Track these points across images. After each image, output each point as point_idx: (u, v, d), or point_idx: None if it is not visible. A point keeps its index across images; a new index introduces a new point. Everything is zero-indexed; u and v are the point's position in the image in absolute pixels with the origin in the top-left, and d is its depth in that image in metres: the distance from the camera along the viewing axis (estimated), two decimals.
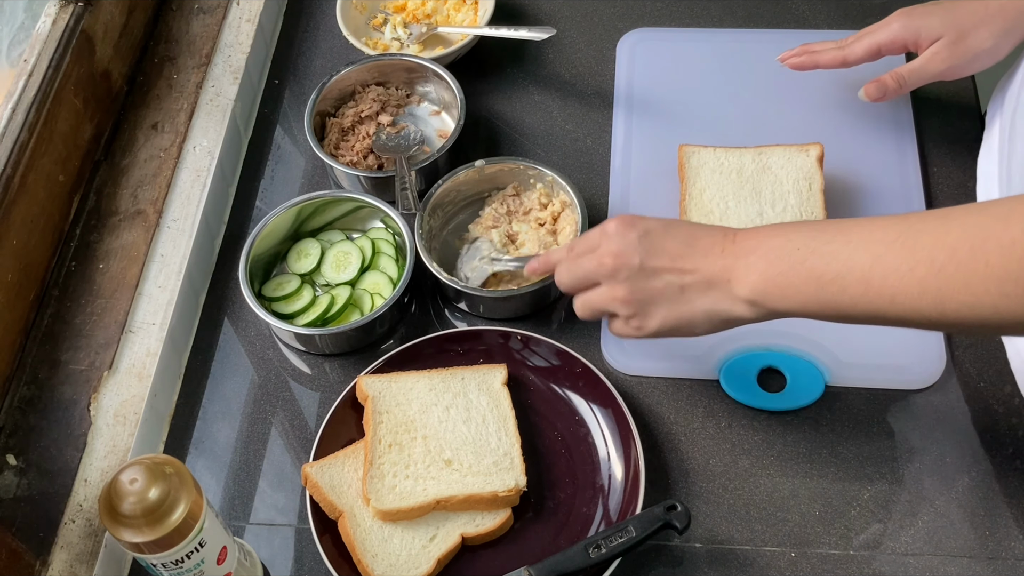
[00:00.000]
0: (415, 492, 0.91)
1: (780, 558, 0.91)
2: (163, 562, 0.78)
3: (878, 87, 1.05)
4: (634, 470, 0.93)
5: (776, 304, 0.81)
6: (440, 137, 1.20)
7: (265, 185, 1.20)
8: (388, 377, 0.99)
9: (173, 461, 0.78)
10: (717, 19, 1.28)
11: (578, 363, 1.00)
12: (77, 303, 1.04)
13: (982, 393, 0.98)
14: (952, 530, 0.91)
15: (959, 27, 1.00)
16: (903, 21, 1.03)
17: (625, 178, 1.15)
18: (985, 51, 0.99)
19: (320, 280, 1.09)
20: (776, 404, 0.98)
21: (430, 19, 1.29)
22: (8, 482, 0.93)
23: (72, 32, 1.09)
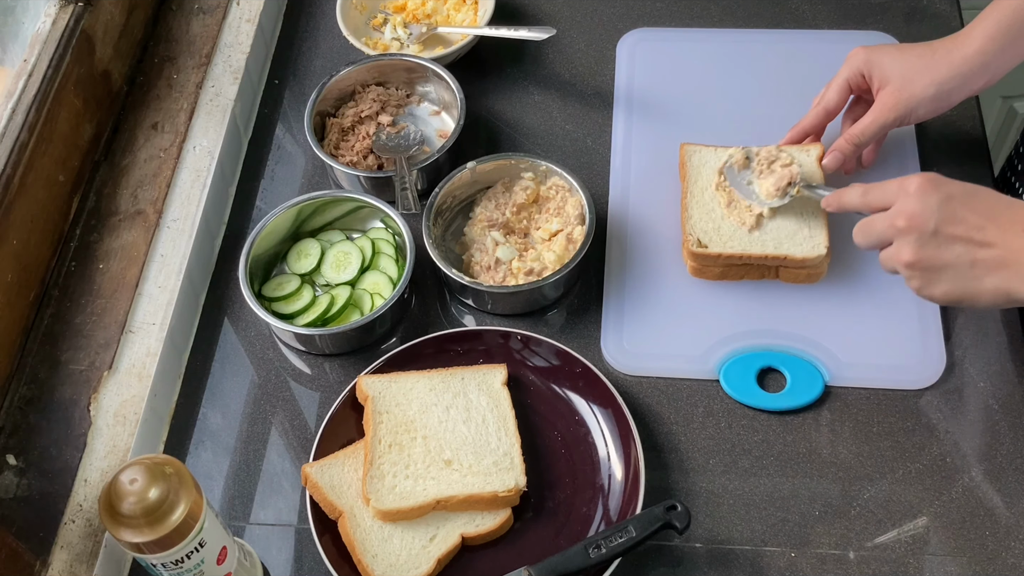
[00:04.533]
0: (415, 492, 0.91)
1: (780, 558, 0.91)
2: (163, 562, 0.78)
3: (835, 156, 1.05)
4: (634, 470, 0.93)
5: None
6: (440, 137, 1.20)
7: (265, 185, 1.20)
8: (388, 377, 0.99)
9: (173, 461, 0.78)
10: (717, 19, 1.28)
11: (578, 363, 1.00)
12: (77, 303, 1.04)
13: (982, 393, 0.98)
14: (952, 530, 0.91)
15: (905, 73, 1.00)
16: (862, 55, 1.03)
17: (625, 178, 1.15)
18: (928, 98, 0.99)
19: (320, 280, 1.09)
20: (776, 404, 0.98)
21: (430, 19, 1.29)
22: (8, 482, 0.93)
23: (72, 32, 1.09)
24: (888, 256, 0.88)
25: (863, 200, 0.90)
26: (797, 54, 1.23)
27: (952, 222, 0.83)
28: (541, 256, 1.06)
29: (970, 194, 0.84)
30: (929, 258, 0.84)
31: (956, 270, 0.83)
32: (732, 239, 1.04)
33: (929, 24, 1.25)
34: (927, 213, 0.83)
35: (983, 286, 0.83)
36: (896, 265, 0.87)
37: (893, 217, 0.86)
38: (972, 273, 0.83)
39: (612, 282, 1.07)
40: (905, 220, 0.85)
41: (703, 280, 1.06)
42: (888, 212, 0.87)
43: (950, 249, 0.83)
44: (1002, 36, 0.97)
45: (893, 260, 0.87)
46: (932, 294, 0.86)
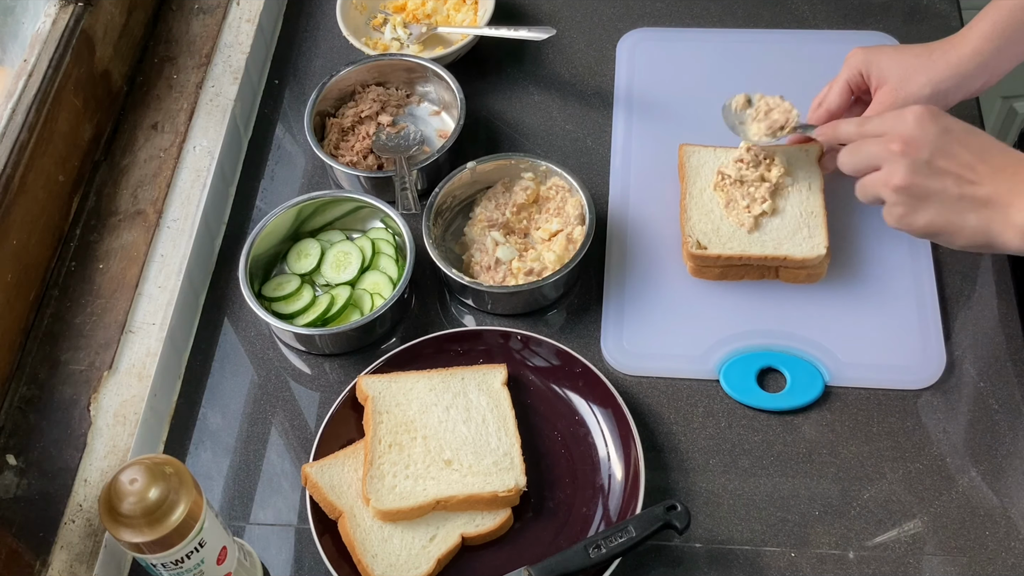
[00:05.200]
0: (415, 492, 0.91)
1: (780, 558, 0.91)
2: (163, 562, 0.78)
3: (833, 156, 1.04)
4: (634, 470, 0.93)
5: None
6: (440, 137, 1.20)
7: (265, 185, 1.20)
8: (388, 377, 0.99)
9: (173, 461, 0.78)
10: (717, 19, 1.28)
11: (578, 363, 1.00)
12: (77, 303, 1.04)
13: (982, 393, 0.98)
14: (952, 530, 0.91)
15: (902, 72, 1.00)
16: (861, 55, 1.03)
17: (625, 178, 1.15)
18: (925, 97, 0.99)
19: (320, 280, 1.09)
20: (776, 404, 0.98)
21: (430, 19, 1.29)
22: (8, 482, 0.93)
23: (72, 32, 1.09)
24: (874, 180, 0.88)
25: (859, 129, 0.91)
26: (797, 54, 1.23)
27: (946, 154, 0.84)
28: (541, 256, 1.06)
29: (967, 131, 0.85)
30: (918, 185, 0.84)
31: (942, 201, 0.84)
32: (731, 240, 1.04)
33: (929, 24, 1.25)
34: (923, 140, 0.84)
35: (965, 222, 0.83)
36: (882, 189, 0.87)
37: (888, 140, 0.86)
38: (957, 207, 0.83)
39: (612, 282, 1.07)
40: (900, 144, 0.85)
41: (703, 280, 1.06)
42: (884, 138, 0.87)
43: (940, 179, 0.84)
44: (999, 37, 0.97)
45: (879, 184, 0.87)
46: (913, 222, 0.86)
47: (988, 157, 0.83)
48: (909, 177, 0.84)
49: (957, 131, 0.85)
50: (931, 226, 0.85)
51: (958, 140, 0.84)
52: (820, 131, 0.98)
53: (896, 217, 0.87)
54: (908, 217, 0.86)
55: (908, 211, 0.86)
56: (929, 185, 0.84)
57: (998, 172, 0.83)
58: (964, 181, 0.83)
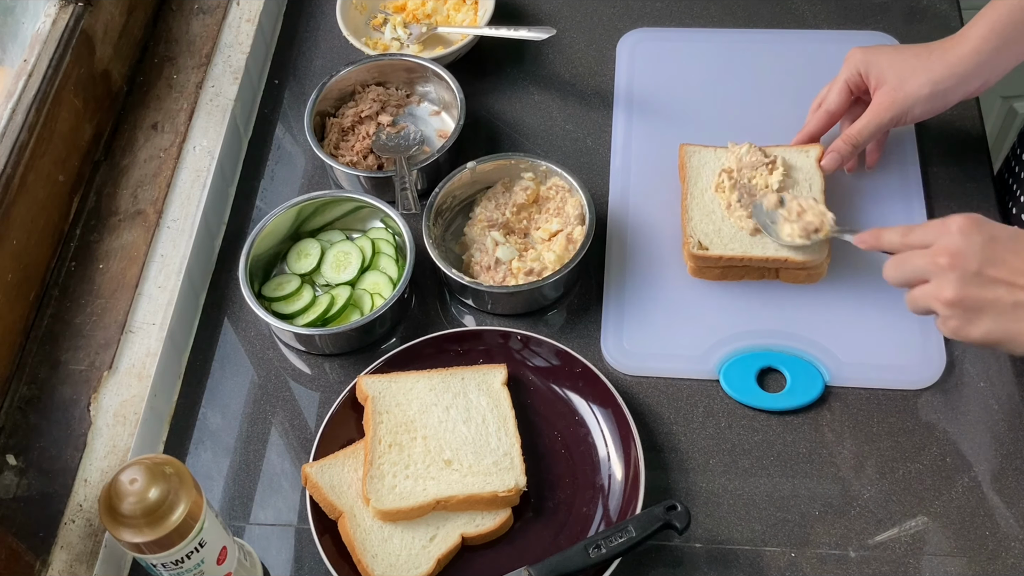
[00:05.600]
0: (415, 492, 0.91)
1: (780, 558, 0.91)
2: (163, 562, 0.78)
3: (833, 157, 1.05)
4: (634, 470, 0.93)
5: None
6: (440, 137, 1.20)
7: (265, 185, 1.20)
8: (388, 377, 0.99)
9: (173, 461, 0.78)
10: (717, 19, 1.28)
11: (578, 363, 1.00)
12: (77, 303, 1.04)
13: (982, 393, 0.98)
14: (952, 530, 0.91)
15: (901, 72, 1.00)
16: (859, 56, 1.03)
17: (625, 178, 1.15)
18: (924, 97, 0.99)
19: (320, 280, 1.09)
20: (776, 404, 0.98)
21: (430, 19, 1.29)
22: (8, 482, 0.93)
23: (72, 32, 1.09)
24: (924, 294, 0.86)
25: (904, 240, 0.89)
26: (797, 54, 1.23)
27: (995, 263, 0.82)
28: (541, 256, 1.06)
29: (1013, 237, 0.84)
30: (971, 298, 0.82)
31: (997, 311, 0.82)
32: (733, 241, 1.04)
33: (929, 24, 1.25)
34: (971, 252, 0.82)
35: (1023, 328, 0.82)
36: (934, 303, 0.85)
37: (934, 254, 0.84)
38: (1014, 315, 0.82)
39: (612, 282, 1.07)
40: (948, 258, 0.83)
41: (703, 280, 1.06)
42: (929, 249, 0.85)
43: (992, 290, 0.82)
44: (997, 37, 0.97)
45: (930, 298, 0.85)
46: (970, 334, 0.84)
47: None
48: (960, 291, 0.83)
49: (1003, 238, 0.83)
50: (989, 336, 0.83)
51: (1005, 247, 0.83)
52: (861, 239, 0.94)
53: (951, 330, 0.85)
54: (964, 330, 0.84)
55: (963, 324, 0.84)
56: (982, 296, 0.82)
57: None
58: (1017, 288, 0.81)
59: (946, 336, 0.87)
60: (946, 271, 0.83)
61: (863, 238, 0.94)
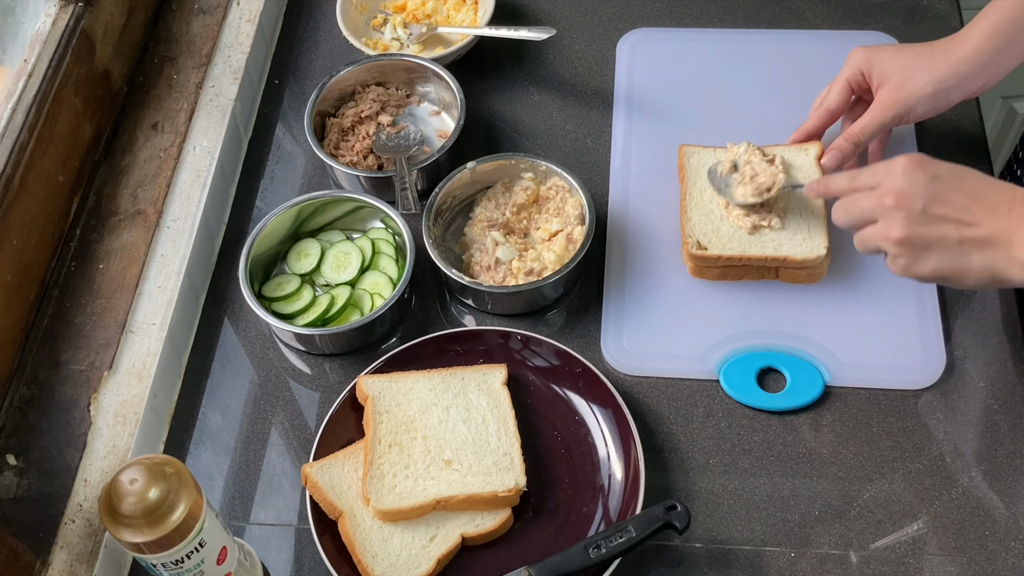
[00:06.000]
0: (415, 492, 0.91)
1: (780, 558, 0.91)
2: (163, 562, 0.78)
3: (833, 155, 1.05)
4: (634, 470, 0.93)
5: None
6: (440, 137, 1.20)
7: (265, 185, 1.20)
8: (388, 377, 0.99)
9: (173, 461, 0.78)
10: (717, 19, 1.28)
11: (578, 363, 1.00)
12: (77, 303, 1.04)
13: (982, 393, 0.98)
14: (953, 530, 0.91)
15: (903, 71, 1.00)
16: (862, 55, 1.03)
17: (625, 178, 1.15)
18: (927, 96, 0.99)
19: (320, 280, 1.09)
20: (776, 404, 0.98)
21: (430, 19, 1.29)
22: (8, 482, 0.93)
23: (72, 32, 1.09)
24: (872, 234, 0.88)
25: (851, 184, 0.91)
26: (797, 54, 1.23)
27: (940, 201, 0.84)
28: (541, 256, 1.06)
29: (957, 175, 0.86)
30: (918, 235, 0.84)
31: (944, 248, 0.84)
32: (732, 241, 1.04)
33: (929, 24, 1.25)
34: (915, 191, 0.84)
35: (970, 264, 0.84)
36: (882, 243, 0.87)
37: (881, 195, 0.86)
38: (960, 250, 0.84)
39: (612, 282, 1.07)
40: (893, 198, 0.85)
41: (703, 280, 1.06)
42: (876, 191, 0.87)
43: (938, 227, 0.84)
44: (999, 36, 0.97)
45: (879, 238, 0.87)
46: (919, 271, 0.86)
47: (982, 197, 0.84)
48: (907, 229, 0.85)
49: (947, 176, 0.85)
50: (936, 272, 0.85)
51: (950, 184, 0.85)
52: (810, 187, 0.97)
53: (900, 268, 0.87)
54: (913, 267, 0.86)
55: (911, 261, 0.86)
56: (928, 234, 0.84)
57: (994, 211, 0.83)
58: (962, 224, 0.83)
59: (896, 274, 0.88)
60: (892, 211, 0.85)
61: (812, 187, 0.97)
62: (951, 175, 0.85)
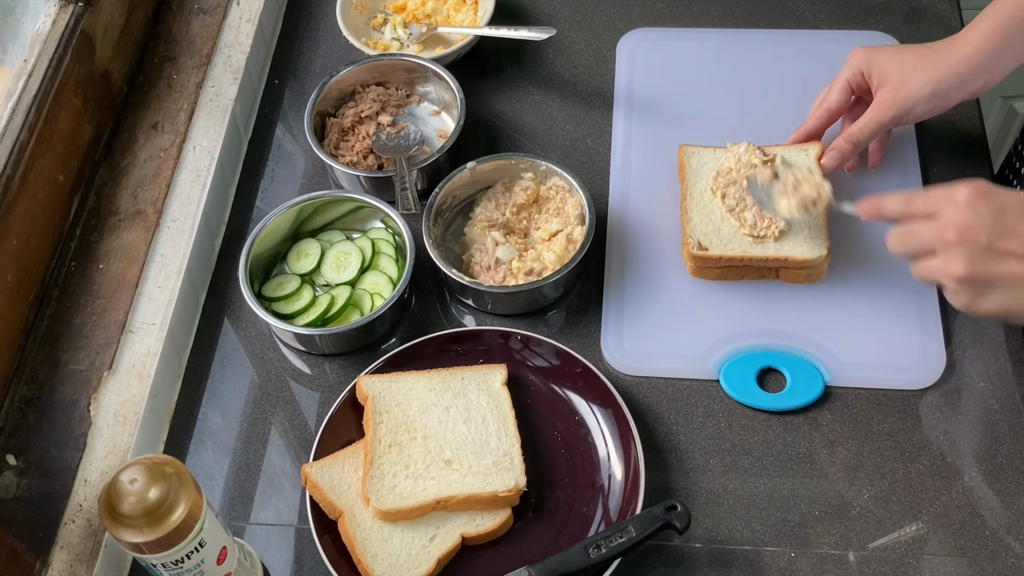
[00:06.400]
0: (415, 492, 0.91)
1: (780, 558, 0.91)
2: (163, 562, 0.78)
3: (833, 155, 1.04)
4: (634, 470, 0.93)
5: None
6: (440, 137, 1.20)
7: (265, 185, 1.20)
8: (388, 377, 0.99)
9: (173, 461, 0.78)
10: (717, 19, 1.28)
11: (578, 363, 1.00)
12: (77, 303, 1.04)
13: (982, 393, 0.98)
14: (952, 530, 0.91)
15: (903, 71, 1.00)
16: (862, 55, 1.03)
17: (625, 178, 1.15)
18: (926, 96, 0.99)
19: (320, 280, 1.09)
20: (776, 404, 0.98)
21: (430, 19, 1.29)
22: (8, 482, 0.93)
23: (72, 32, 1.09)
24: (932, 268, 0.84)
25: (906, 208, 0.87)
26: (797, 54, 1.23)
27: (1005, 236, 0.80)
28: (541, 256, 1.06)
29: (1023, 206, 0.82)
30: (982, 272, 0.81)
31: (1008, 284, 0.81)
32: (732, 241, 1.04)
33: (929, 24, 1.25)
34: (979, 225, 0.80)
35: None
36: (943, 278, 0.84)
37: (941, 229, 0.82)
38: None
39: (612, 282, 1.07)
40: (955, 233, 0.81)
41: (703, 280, 1.06)
42: (935, 223, 0.83)
43: (1003, 263, 0.80)
44: (999, 37, 0.97)
45: (939, 273, 0.84)
46: (981, 308, 0.83)
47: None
48: (970, 266, 0.81)
49: (1012, 207, 0.81)
50: (1000, 309, 0.82)
51: (1015, 217, 0.81)
52: (863, 208, 0.92)
53: (962, 304, 0.84)
54: (975, 304, 0.83)
55: (974, 298, 0.83)
56: (992, 271, 0.81)
57: None
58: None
59: (957, 308, 0.85)
60: (954, 246, 0.81)
61: (864, 207, 0.92)
62: (1017, 206, 0.81)
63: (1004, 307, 0.82)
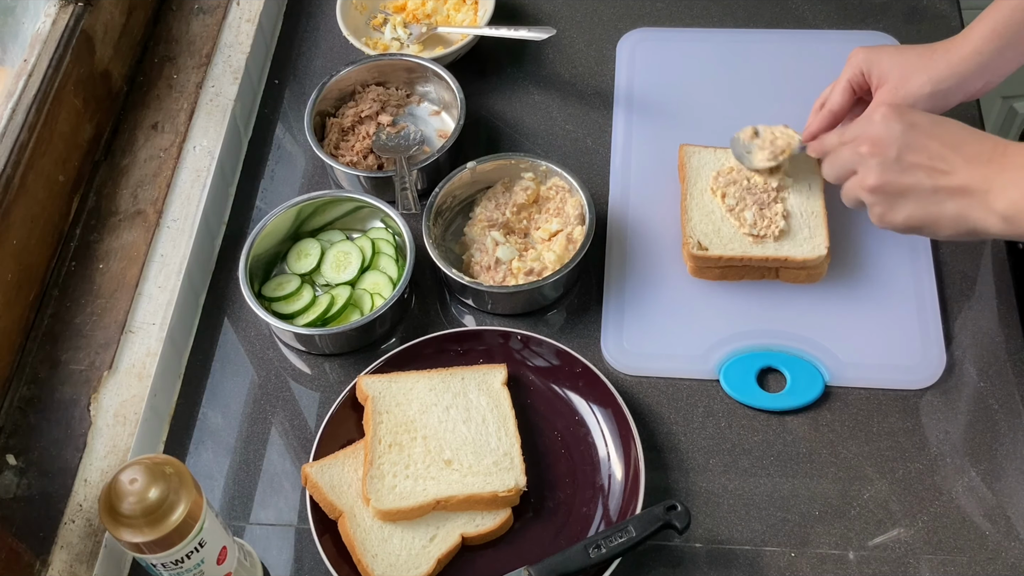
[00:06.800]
0: (415, 492, 0.91)
1: (780, 558, 0.91)
2: (163, 562, 0.78)
3: None
4: (634, 470, 0.93)
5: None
6: (440, 137, 1.20)
7: (265, 185, 1.20)
8: (388, 377, 0.99)
9: (173, 461, 0.78)
10: (717, 19, 1.28)
11: (578, 363, 1.00)
12: (77, 303, 1.04)
13: (982, 393, 0.98)
14: (952, 530, 0.91)
15: (902, 71, 1.00)
16: (862, 55, 1.03)
17: (625, 178, 1.15)
18: (925, 96, 0.99)
19: (320, 280, 1.09)
20: (776, 404, 0.98)
21: (430, 19, 1.29)
22: (8, 482, 0.93)
23: (72, 32, 1.09)
24: (852, 184, 0.88)
25: (840, 138, 0.91)
26: (797, 54, 1.23)
27: (915, 149, 0.84)
28: (541, 256, 1.06)
29: (936, 123, 0.85)
30: (891, 183, 0.85)
31: (918, 196, 0.84)
32: (732, 241, 1.04)
33: (929, 24, 1.25)
34: (890, 139, 0.85)
35: (944, 212, 0.83)
36: (859, 192, 0.87)
37: (857, 144, 0.87)
38: (933, 199, 0.83)
39: (612, 282, 1.07)
40: (868, 145, 0.86)
41: (703, 280, 1.06)
42: (854, 141, 0.88)
43: (911, 174, 0.84)
44: (999, 38, 0.97)
45: (856, 187, 0.87)
46: (894, 220, 0.86)
47: (961, 146, 0.83)
48: (880, 176, 0.85)
49: (924, 124, 0.85)
50: (911, 220, 0.86)
51: (926, 133, 0.84)
52: (811, 147, 1.00)
53: (877, 216, 0.88)
54: (888, 215, 0.87)
55: (887, 209, 0.86)
56: (901, 181, 0.84)
57: (972, 160, 0.83)
58: (937, 172, 0.83)
59: (876, 224, 0.89)
60: (867, 159, 0.86)
61: (811, 146, 0.99)
62: (929, 123, 0.85)
63: (914, 218, 0.85)
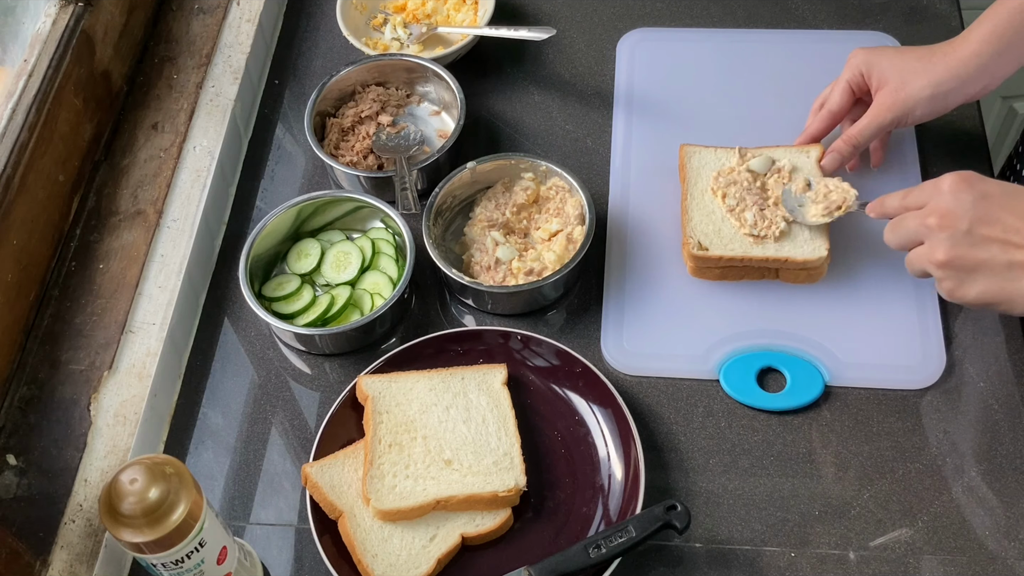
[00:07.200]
0: (415, 492, 0.91)
1: (780, 558, 0.91)
2: (163, 562, 0.78)
3: (833, 157, 1.05)
4: (634, 470, 0.93)
5: None
6: (440, 137, 1.20)
7: (265, 185, 1.20)
8: (388, 377, 0.99)
9: (173, 461, 0.78)
10: (717, 19, 1.28)
11: (578, 363, 1.00)
12: (77, 303, 1.04)
13: (982, 393, 0.98)
14: (952, 530, 0.91)
15: (902, 73, 1.00)
16: (862, 56, 1.03)
17: (625, 178, 1.15)
18: (925, 98, 0.99)
19: (320, 280, 1.10)
20: (776, 404, 0.98)
21: (430, 19, 1.29)
22: (8, 482, 0.93)
23: (72, 32, 1.09)
24: (919, 256, 0.85)
25: (902, 203, 0.88)
26: (797, 54, 1.23)
27: (987, 222, 0.81)
28: (541, 256, 1.06)
29: (1008, 193, 0.82)
30: (962, 257, 0.81)
31: (991, 271, 0.81)
32: (733, 241, 1.04)
33: (929, 25, 1.25)
34: (960, 211, 0.81)
35: (1019, 288, 0.80)
36: (927, 265, 0.84)
37: (925, 215, 0.83)
38: (1008, 275, 0.80)
39: (612, 282, 1.07)
40: (937, 218, 0.82)
41: (703, 280, 1.06)
42: (920, 211, 0.84)
43: (985, 249, 0.80)
44: (998, 40, 0.97)
45: (924, 260, 0.84)
46: (965, 295, 0.83)
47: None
48: (951, 251, 0.81)
49: (996, 195, 0.81)
50: (984, 296, 0.82)
51: (999, 204, 0.81)
52: (870, 208, 0.95)
53: (947, 291, 0.84)
54: (959, 291, 0.83)
55: (957, 285, 0.83)
56: (974, 256, 0.81)
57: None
58: (1011, 246, 0.80)
59: (943, 298, 0.86)
60: (936, 232, 0.83)
61: (871, 206, 0.95)
62: (1001, 194, 0.82)
63: (988, 294, 0.82)
